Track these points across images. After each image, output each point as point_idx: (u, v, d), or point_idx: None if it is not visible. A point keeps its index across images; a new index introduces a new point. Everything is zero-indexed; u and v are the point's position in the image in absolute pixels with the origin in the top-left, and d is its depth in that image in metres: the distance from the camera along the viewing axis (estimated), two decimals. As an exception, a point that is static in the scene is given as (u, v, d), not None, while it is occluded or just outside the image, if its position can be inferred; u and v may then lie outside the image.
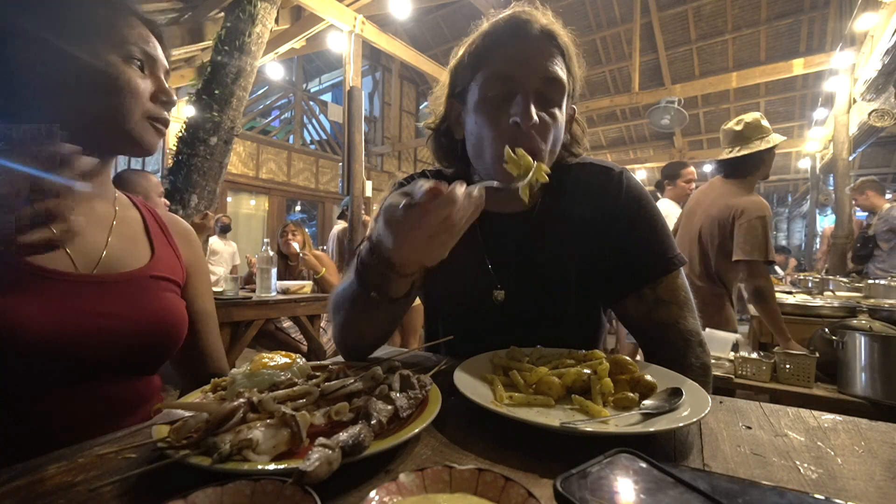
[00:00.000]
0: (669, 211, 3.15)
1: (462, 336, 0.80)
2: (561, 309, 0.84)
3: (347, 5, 4.99)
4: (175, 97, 0.71)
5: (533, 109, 0.69)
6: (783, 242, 12.54)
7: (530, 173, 0.63)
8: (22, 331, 0.56)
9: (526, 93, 0.70)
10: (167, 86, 0.70)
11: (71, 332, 0.60)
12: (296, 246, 3.21)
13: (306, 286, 2.93)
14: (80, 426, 0.62)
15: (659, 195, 3.54)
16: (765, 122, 2.09)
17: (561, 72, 0.73)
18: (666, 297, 0.79)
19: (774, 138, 2.06)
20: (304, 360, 0.62)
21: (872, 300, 2.44)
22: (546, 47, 0.73)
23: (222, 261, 5.37)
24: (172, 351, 0.74)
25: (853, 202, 4.37)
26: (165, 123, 0.70)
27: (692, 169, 3.38)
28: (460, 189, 0.52)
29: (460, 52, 0.80)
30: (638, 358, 0.75)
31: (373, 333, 0.76)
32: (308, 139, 9.09)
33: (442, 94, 0.85)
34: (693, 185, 3.27)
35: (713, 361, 1.92)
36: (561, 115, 0.75)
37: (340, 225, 4.70)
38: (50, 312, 0.59)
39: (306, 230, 3.52)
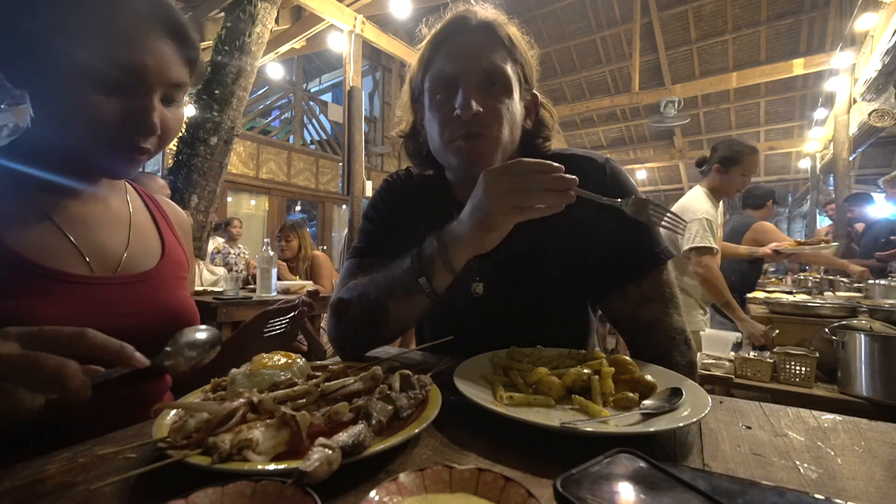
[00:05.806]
0: (699, 207, 2.19)
1: (443, 332, 0.79)
2: (542, 305, 0.84)
3: (347, 5, 5.00)
4: None
5: (474, 102, 0.72)
6: (784, 242, 12.48)
7: None
8: None
9: (467, 85, 0.73)
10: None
11: None
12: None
13: (306, 286, 2.93)
14: (97, 426, 0.61)
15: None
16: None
17: (501, 60, 0.76)
18: (651, 295, 0.79)
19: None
20: (304, 360, 0.62)
21: (872, 300, 2.44)
22: (484, 39, 0.76)
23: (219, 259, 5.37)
24: None
25: (886, 193, 4.09)
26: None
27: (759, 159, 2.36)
28: None
29: (414, 61, 0.84)
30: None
31: (397, 323, 0.77)
32: (308, 139, 9.07)
33: (406, 102, 0.88)
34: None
35: (713, 361, 1.95)
36: (512, 101, 0.77)
37: None
38: (68, 314, 0.59)
39: (308, 230, 3.52)
